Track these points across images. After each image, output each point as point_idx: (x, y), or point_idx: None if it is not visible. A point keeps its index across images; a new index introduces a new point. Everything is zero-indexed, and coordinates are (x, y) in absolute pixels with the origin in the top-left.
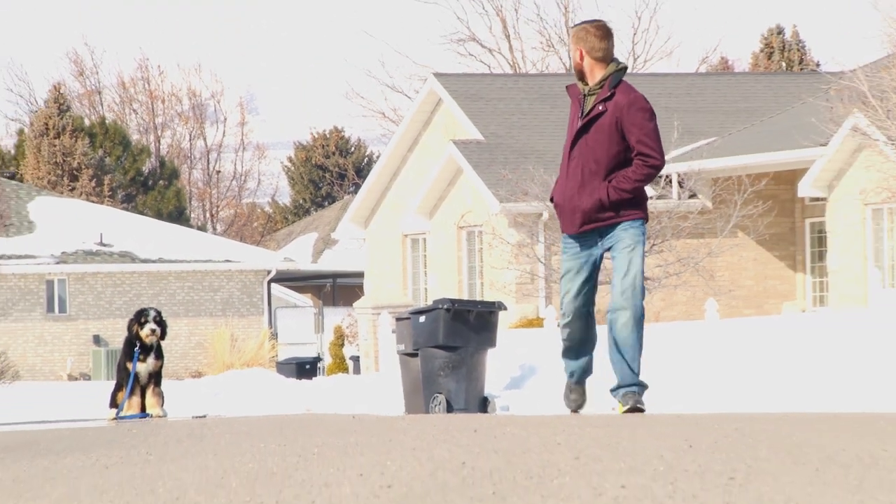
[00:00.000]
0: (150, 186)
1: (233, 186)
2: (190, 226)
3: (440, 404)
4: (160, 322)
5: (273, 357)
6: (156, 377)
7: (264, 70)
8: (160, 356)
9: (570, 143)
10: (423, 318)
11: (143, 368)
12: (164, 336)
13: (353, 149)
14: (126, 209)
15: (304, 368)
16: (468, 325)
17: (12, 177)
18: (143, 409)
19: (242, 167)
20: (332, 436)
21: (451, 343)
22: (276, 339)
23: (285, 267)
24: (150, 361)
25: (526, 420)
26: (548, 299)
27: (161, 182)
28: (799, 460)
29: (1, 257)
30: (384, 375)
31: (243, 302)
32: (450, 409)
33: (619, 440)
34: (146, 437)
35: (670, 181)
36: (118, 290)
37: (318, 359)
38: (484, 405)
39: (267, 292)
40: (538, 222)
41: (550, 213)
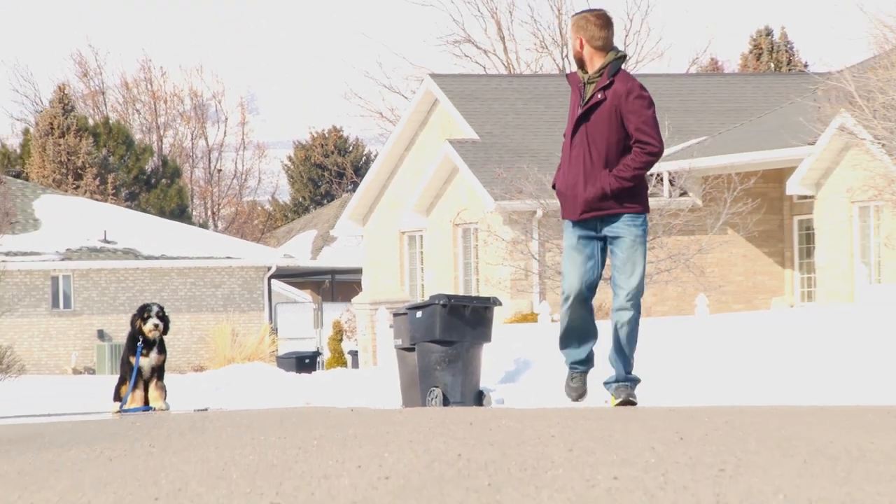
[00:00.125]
0: (152, 185)
1: (234, 185)
2: (192, 223)
3: (437, 398)
4: (163, 317)
5: (273, 352)
6: (158, 371)
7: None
8: (163, 351)
9: (571, 131)
10: (419, 314)
11: (146, 363)
12: (166, 331)
13: (351, 148)
14: (129, 207)
15: (304, 363)
16: (464, 321)
17: (18, 175)
18: (147, 402)
19: (243, 166)
20: (330, 429)
21: (447, 338)
22: (276, 334)
23: (285, 263)
24: (153, 356)
25: (521, 413)
26: (542, 295)
27: (163, 180)
28: (788, 452)
29: (7, 254)
30: (382, 369)
31: (244, 298)
32: (446, 402)
33: (612, 433)
34: (149, 430)
35: (661, 179)
36: (122, 286)
37: (317, 353)
38: (479, 398)
39: (267, 288)
40: (532, 219)
41: (545, 210)
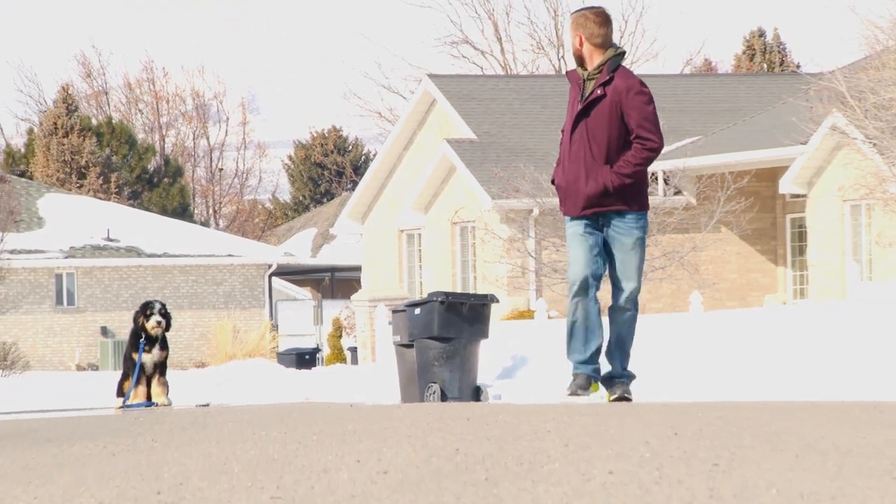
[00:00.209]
0: (155, 184)
1: (235, 184)
2: (193, 222)
3: (435, 393)
4: (165, 314)
5: (274, 348)
6: (161, 367)
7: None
8: (165, 347)
9: (571, 127)
10: (418, 311)
11: (148, 359)
12: (168, 328)
13: (350, 147)
14: (132, 206)
15: (304, 359)
16: (462, 317)
17: (23, 174)
18: (149, 397)
19: (244, 165)
20: (330, 424)
21: (445, 334)
22: (277, 330)
23: (285, 261)
24: (156, 352)
25: (517, 408)
26: (538, 292)
27: (166, 179)
28: (780, 447)
29: (12, 252)
30: (381, 366)
31: (245, 295)
32: (444, 398)
33: (607, 428)
34: (152, 425)
35: (656, 178)
36: (125, 284)
37: (317, 350)
38: (477, 394)
39: (268, 285)
40: (529, 218)
41: (541, 208)
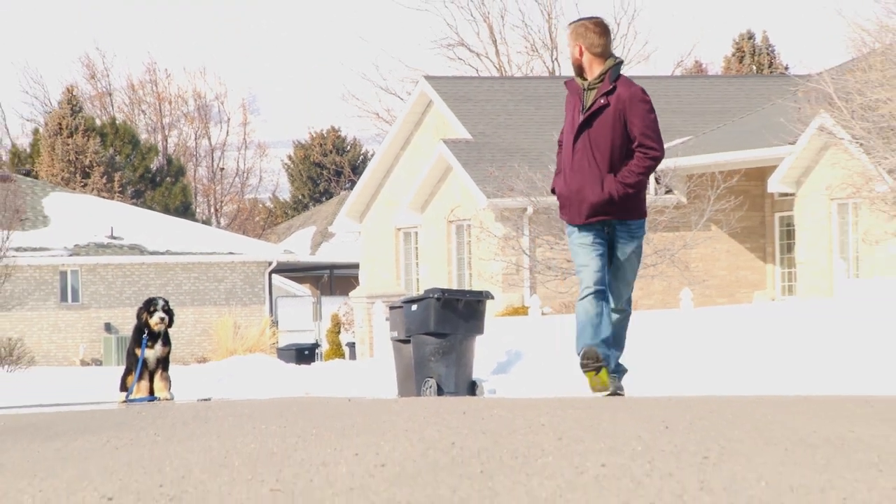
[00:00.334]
0: (157, 183)
1: (236, 183)
2: (195, 220)
3: (431, 388)
4: (168, 311)
5: (274, 343)
6: (163, 362)
7: (265, 73)
8: (167, 343)
9: (574, 137)
10: (415, 307)
11: (151, 354)
12: (171, 324)
13: (349, 147)
14: (135, 204)
15: (303, 354)
16: (457, 314)
17: (28, 174)
18: (152, 392)
19: (245, 165)
20: (329, 418)
21: (441, 330)
22: (277, 326)
23: (285, 259)
24: (158, 348)
25: (512, 403)
26: (532, 289)
27: (168, 179)
28: (770, 441)
29: (17, 250)
30: (378, 361)
31: (246, 292)
32: (440, 392)
33: (600, 422)
34: (154, 420)
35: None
36: (128, 281)
37: (316, 345)
38: (472, 389)
39: (268, 282)
40: (523, 216)
41: (535, 207)
